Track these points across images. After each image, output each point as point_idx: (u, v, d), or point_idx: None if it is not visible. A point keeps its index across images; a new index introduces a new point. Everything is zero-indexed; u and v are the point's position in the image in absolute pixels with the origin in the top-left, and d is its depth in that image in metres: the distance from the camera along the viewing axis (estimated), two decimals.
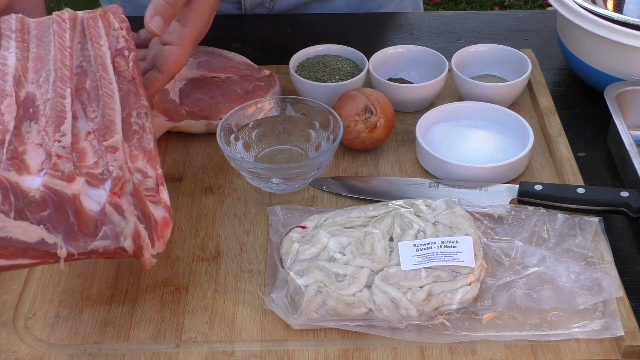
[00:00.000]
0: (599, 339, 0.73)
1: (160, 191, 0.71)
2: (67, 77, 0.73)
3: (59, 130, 0.71)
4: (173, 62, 0.82)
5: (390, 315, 0.72)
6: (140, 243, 0.69)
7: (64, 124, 0.71)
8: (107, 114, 0.72)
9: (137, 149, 0.72)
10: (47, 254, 0.67)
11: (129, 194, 0.69)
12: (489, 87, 1.00)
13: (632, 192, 0.83)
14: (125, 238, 0.68)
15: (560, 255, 0.78)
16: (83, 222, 0.68)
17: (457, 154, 0.92)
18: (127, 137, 0.72)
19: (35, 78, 0.73)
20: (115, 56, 0.77)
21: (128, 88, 0.75)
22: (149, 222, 0.70)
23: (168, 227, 0.71)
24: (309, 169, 0.86)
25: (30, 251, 0.67)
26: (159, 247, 0.71)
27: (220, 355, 0.73)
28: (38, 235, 0.67)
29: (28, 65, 0.74)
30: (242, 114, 0.92)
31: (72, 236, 0.68)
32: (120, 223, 0.69)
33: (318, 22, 1.25)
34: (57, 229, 0.68)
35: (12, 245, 0.66)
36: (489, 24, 1.25)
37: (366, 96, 0.93)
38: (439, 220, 0.78)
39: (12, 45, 0.75)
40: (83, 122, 0.72)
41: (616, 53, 0.97)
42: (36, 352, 0.73)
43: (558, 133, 0.96)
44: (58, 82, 0.73)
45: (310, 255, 0.76)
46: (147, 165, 0.72)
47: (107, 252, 0.69)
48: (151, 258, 0.70)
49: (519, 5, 3.07)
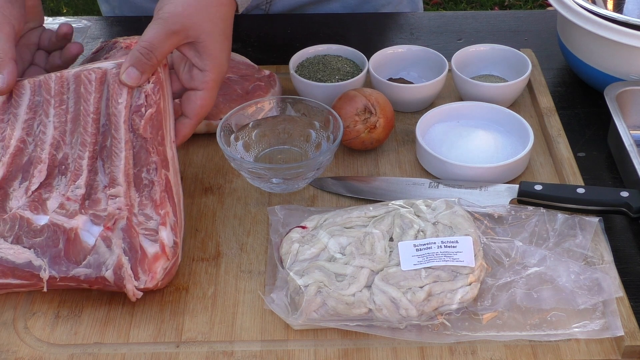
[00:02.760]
0: (599, 339, 0.73)
1: (160, 230, 0.76)
2: (87, 142, 0.79)
3: (74, 183, 0.79)
4: (200, 107, 0.82)
5: (390, 315, 0.72)
6: (121, 274, 0.74)
7: (79, 179, 0.79)
8: (112, 171, 0.78)
9: (147, 199, 0.77)
10: (32, 275, 0.75)
11: (121, 229, 0.75)
12: (489, 87, 1.00)
13: (632, 192, 0.83)
14: (107, 268, 0.74)
15: (560, 255, 0.78)
16: (73, 251, 0.75)
17: (457, 154, 0.92)
18: (138, 190, 0.78)
19: (69, 140, 0.80)
20: (133, 113, 0.78)
21: (141, 145, 0.78)
22: (134, 255, 0.75)
23: (158, 262, 0.75)
24: (309, 169, 0.86)
25: (17, 271, 0.75)
26: (147, 282, 0.75)
27: (220, 355, 0.73)
28: (26, 258, 0.75)
29: (66, 128, 0.80)
30: (242, 114, 0.92)
31: (57, 261, 0.75)
32: (105, 254, 0.75)
33: (318, 22, 1.25)
34: (44, 254, 0.75)
35: (2, 265, 0.75)
36: (489, 24, 1.25)
37: (366, 96, 0.93)
38: (439, 220, 0.78)
39: (51, 113, 0.80)
40: (102, 176, 0.79)
41: (616, 53, 0.97)
42: (36, 352, 0.73)
43: (558, 133, 0.96)
44: (80, 146, 0.79)
45: (310, 256, 0.76)
46: (153, 211, 0.77)
47: (89, 280, 0.75)
48: (135, 290, 0.74)
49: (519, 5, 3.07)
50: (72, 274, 0.74)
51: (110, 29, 1.25)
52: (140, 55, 0.77)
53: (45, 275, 0.75)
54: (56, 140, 0.80)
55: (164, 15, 0.78)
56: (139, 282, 0.74)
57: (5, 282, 0.76)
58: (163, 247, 0.75)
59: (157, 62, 0.78)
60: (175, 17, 0.78)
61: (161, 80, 0.80)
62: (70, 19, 1.18)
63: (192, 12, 0.78)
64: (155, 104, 0.79)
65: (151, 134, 0.78)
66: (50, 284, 0.75)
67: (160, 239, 0.76)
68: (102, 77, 0.79)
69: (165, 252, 0.75)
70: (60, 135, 0.80)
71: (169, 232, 0.76)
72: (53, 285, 0.75)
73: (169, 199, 0.78)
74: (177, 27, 0.78)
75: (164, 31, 0.77)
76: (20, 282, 0.76)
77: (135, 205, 0.77)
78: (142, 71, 0.77)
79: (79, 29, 1.15)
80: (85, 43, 1.18)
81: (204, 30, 0.79)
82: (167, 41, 0.78)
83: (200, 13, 0.79)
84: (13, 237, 0.76)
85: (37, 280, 0.75)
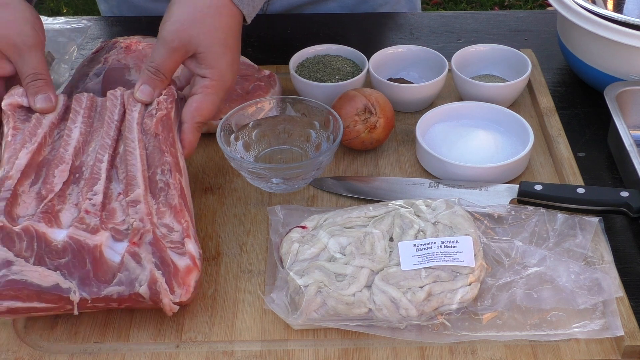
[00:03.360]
0: (599, 339, 0.73)
1: (186, 243, 0.74)
2: (108, 145, 0.81)
3: (91, 190, 0.77)
4: (195, 109, 0.84)
5: (390, 315, 0.72)
6: (156, 289, 0.71)
7: (97, 184, 0.78)
8: (129, 171, 0.78)
9: (164, 206, 0.76)
10: (60, 299, 0.71)
11: (148, 243, 0.73)
12: (489, 87, 1.00)
13: (632, 192, 0.83)
14: (141, 284, 0.71)
15: (560, 255, 0.78)
16: (100, 270, 0.72)
17: (457, 154, 0.92)
18: (154, 195, 0.77)
19: (88, 149, 0.82)
20: (145, 117, 0.83)
21: (153, 145, 0.80)
22: (167, 269, 0.72)
23: (191, 275, 0.73)
24: (309, 169, 0.86)
25: (44, 295, 0.70)
26: (182, 295, 0.72)
27: (220, 355, 0.73)
28: (53, 280, 0.71)
29: (88, 138, 0.83)
30: (242, 114, 0.92)
31: (86, 282, 0.71)
32: (135, 270, 0.72)
33: (318, 22, 1.25)
34: (72, 275, 0.71)
35: (27, 288, 0.70)
36: (489, 24, 1.25)
37: (366, 96, 0.93)
38: (439, 220, 0.78)
39: (78, 120, 0.84)
40: (115, 184, 0.79)
41: (616, 53, 0.97)
42: (36, 352, 0.73)
43: (558, 133, 0.96)
44: (99, 149, 0.81)
45: (310, 255, 0.76)
46: (174, 220, 0.76)
47: (122, 298, 0.71)
48: (172, 304, 0.72)
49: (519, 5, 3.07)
50: (104, 294, 0.71)
51: (110, 29, 1.25)
52: (150, 74, 0.84)
53: (75, 297, 0.70)
54: (79, 144, 0.82)
55: (164, 34, 0.83)
56: (174, 296, 0.72)
57: (29, 307, 0.71)
58: (193, 259, 0.74)
59: (166, 78, 0.85)
60: (173, 34, 0.83)
61: (173, 93, 0.85)
62: (70, 19, 1.18)
63: (188, 27, 0.83)
64: (166, 109, 0.83)
65: (162, 133, 0.81)
66: (81, 306, 0.71)
67: (189, 252, 0.74)
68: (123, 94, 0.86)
69: (196, 264, 0.74)
70: (82, 142, 0.82)
71: (194, 243, 0.75)
72: (83, 307, 0.72)
73: (185, 206, 0.78)
74: (176, 44, 0.83)
75: (165, 50, 0.83)
76: (47, 306, 0.71)
77: (154, 213, 0.76)
78: (153, 87, 0.84)
79: (79, 29, 1.15)
80: (85, 43, 1.18)
81: (201, 42, 0.83)
82: (170, 59, 0.84)
83: (196, 26, 0.83)
84: (34, 257, 0.71)
85: (65, 303, 0.71)
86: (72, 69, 1.09)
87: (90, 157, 0.81)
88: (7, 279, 0.70)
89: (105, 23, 1.27)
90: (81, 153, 0.81)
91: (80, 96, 0.87)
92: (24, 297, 0.70)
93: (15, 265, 0.71)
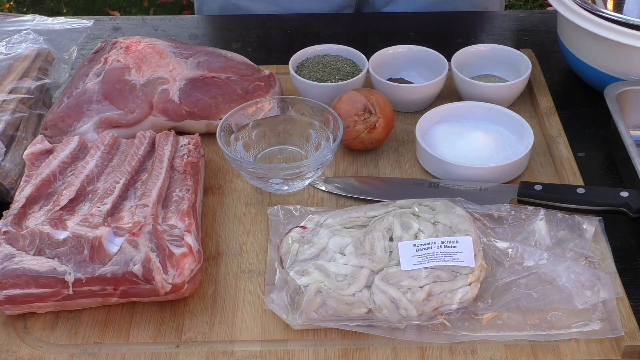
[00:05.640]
0: (599, 339, 0.73)
1: (185, 236, 0.76)
2: (127, 171, 0.85)
3: (102, 201, 0.81)
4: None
5: (390, 315, 0.72)
6: (149, 267, 0.73)
7: (108, 197, 0.81)
8: (147, 189, 0.82)
9: (173, 212, 0.80)
10: (56, 281, 0.73)
11: (147, 232, 0.75)
12: (489, 87, 1.00)
13: (632, 192, 0.83)
14: (135, 263, 0.73)
15: (560, 255, 0.78)
16: (97, 256, 0.75)
17: (457, 154, 0.92)
18: (166, 205, 0.81)
19: (105, 178, 0.85)
20: (174, 157, 0.88)
21: (178, 177, 0.85)
22: (162, 252, 0.74)
23: (185, 259, 0.75)
24: (309, 169, 0.86)
25: (41, 279, 0.73)
26: (176, 277, 0.74)
27: (220, 355, 0.73)
28: (50, 265, 0.74)
29: (105, 171, 0.86)
30: (242, 114, 0.92)
31: (82, 265, 0.74)
32: (131, 252, 0.74)
33: (318, 22, 1.25)
34: (69, 261, 0.74)
35: (25, 274, 0.73)
36: (489, 24, 1.25)
37: (365, 96, 0.93)
38: (439, 220, 0.78)
39: (97, 155, 0.88)
40: (130, 201, 0.82)
41: (616, 53, 0.97)
42: (36, 352, 0.73)
43: (558, 133, 0.96)
44: (118, 174, 0.84)
45: (310, 255, 0.76)
46: (179, 220, 0.79)
47: (116, 278, 0.73)
48: (165, 283, 0.73)
49: (519, 5, 3.07)
50: (98, 273, 0.73)
51: (110, 29, 1.25)
52: None
53: (70, 278, 0.73)
54: (93, 174, 0.85)
55: None
56: (168, 276, 0.74)
57: (26, 293, 0.73)
58: (190, 247, 0.76)
59: None
60: None
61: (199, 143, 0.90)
62: (70, 19, 1.17)
63: None
64: (196, 158, 0.88)
65: (190, 171, 0.86)
66: (75, 286, 0.73)
67: (187, 242, 0.76)
68: (153, 136, 0.90)
69: (192, 252, 0.76)
70: (97, 173, 0.86)
71: (193, 238, 0.77)
72: (78, 291, 0.73)
73: (193, 213, 0.80)
74: None
75: None
76: (43, 291, 0.73)
77: (160, 217, 0.79)
78: None
79: (79, 29, 1.15)
80: (85, 43, 1.18)
81: None
82: None
83: None
84: (35, 250, 0.75)
85: (62, 287, 0.73)
86: (72, 69, 1.09)
87: (107, 183, 0.84)
88: (7, 268, 0.74)
89: (105, 23, 1.27)
90: (95, 181, 0.84)
91: (104, 134, 0.90)
92: (22, 283, 0.73)
93: (16, 257, 0.75)
